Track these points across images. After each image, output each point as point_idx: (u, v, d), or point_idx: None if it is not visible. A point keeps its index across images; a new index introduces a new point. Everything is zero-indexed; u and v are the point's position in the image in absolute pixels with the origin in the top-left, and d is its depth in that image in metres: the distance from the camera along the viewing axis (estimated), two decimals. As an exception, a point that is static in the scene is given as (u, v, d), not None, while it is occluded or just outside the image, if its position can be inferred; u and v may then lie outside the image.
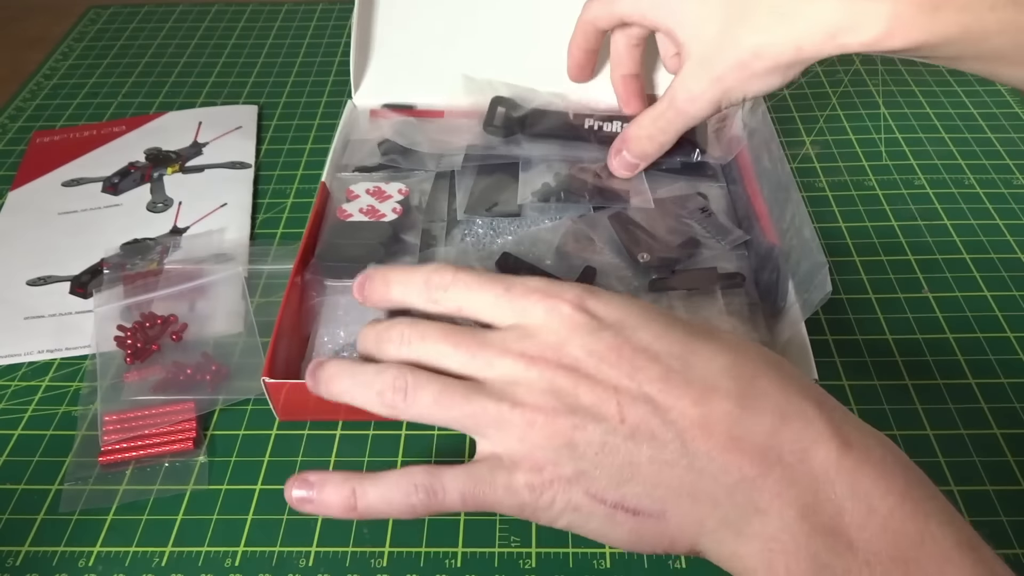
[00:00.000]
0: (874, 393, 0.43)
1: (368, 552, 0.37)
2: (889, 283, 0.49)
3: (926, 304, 0.48)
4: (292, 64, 0.71)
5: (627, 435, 0.28)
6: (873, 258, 0.51)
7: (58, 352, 0.47)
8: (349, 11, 0.64)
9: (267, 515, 0.39)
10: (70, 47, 0.75)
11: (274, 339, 0.40)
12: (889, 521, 0.26)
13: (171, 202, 0.57)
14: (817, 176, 0.57)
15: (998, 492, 0.39)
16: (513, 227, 0.50)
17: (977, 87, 0.65)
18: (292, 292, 0.44)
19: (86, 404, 0.44)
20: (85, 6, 0.81)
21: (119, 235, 0.54)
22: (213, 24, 0.77)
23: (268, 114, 0.65)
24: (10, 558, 0.37)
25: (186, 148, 0.61)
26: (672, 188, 0.51)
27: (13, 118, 0.66)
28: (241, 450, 0.42)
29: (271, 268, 0.51)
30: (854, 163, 0.58)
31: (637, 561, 0.37)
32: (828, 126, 0.62)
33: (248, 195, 0.57)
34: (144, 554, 0.38)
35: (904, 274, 0.50)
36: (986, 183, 0.56)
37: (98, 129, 0.64)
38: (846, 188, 0.56)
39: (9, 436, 0.43)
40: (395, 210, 0.49)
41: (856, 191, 0.56)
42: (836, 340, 0.46)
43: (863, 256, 0.51)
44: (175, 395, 0.43)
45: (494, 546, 0.37)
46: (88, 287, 0.50)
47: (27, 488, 0.40)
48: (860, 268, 0.50)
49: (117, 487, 0.40)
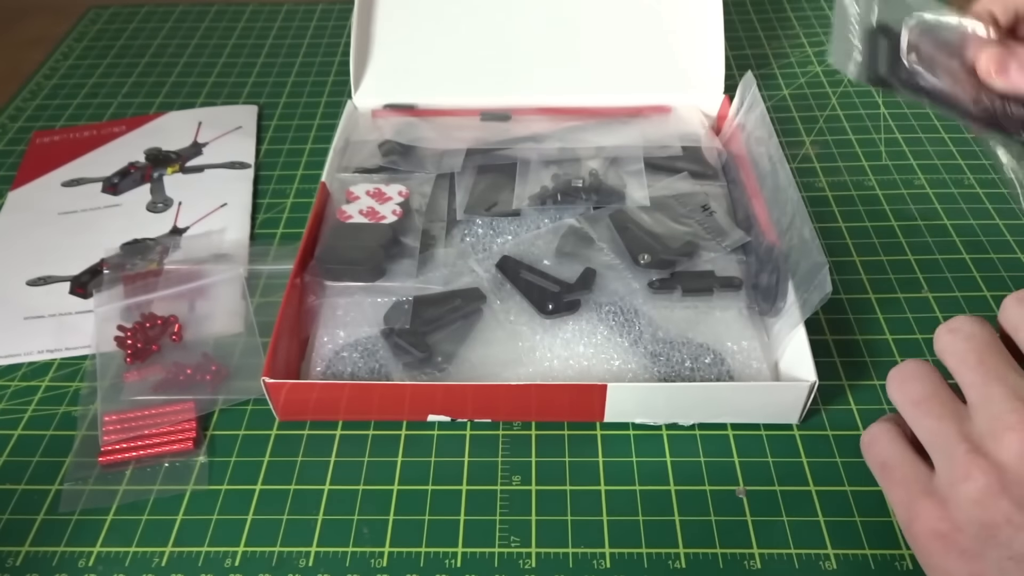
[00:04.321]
0: (874, 393, 0.43)
1: (368, 552, 0.37)
2: (889, 283, 0.49)
3: (926, 304, 0.48)
4: (292, 64, 0.71)
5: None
6: (873, 258, 0.51)
7: (58, 352, 0.47)
8: (349, 11, 0.64)
9: (267, 515, 0.39)
10: (70, 47, 0.75)
11: (274, 339, 0.40)
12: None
13: (171, 202, 0.57)
14: (817, 176, 0.57)
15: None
16: (513, 227, 0.50)
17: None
18: (292, 292, 0.44)
19: (86, 404, 0.44)
20: (85, 6, 0.81)
21: (119, 235, 0.54)
22: (213, 24, 0.77)
23: (268, 114, 0.65)
24: (10, 558, 0.37)
25: (186, 148, 0.61)
26: (673, 187, 0.51)
27: (13, 118, 0.66)
28: (241, 450, 0.42)
29: (271, 268, 0.51)
30: (854, 163, 0.58)
31: (637, 561, 0.37)
32: (828, 126, 0.62)
33: (248, 195, 0.57)
34: (144, 554, 0.38)
35: (904, 274, 0.50)
36: (986, 183, 0.56)
37: (98, 129, 0.64)
38: (846, 188, 0.56)
39: (9, 436, 0.43)
40: (395, 212, 0.49)
41: (856, 191, 0.56)
42: (836, 340, 0.46)
43: (863, 256, 0.51)
44: (175, 395, 0.43)
45: (494, 546, 0.37)
46: (88, 287, 0.50)
47: (27, 488, 0.40)
48: (860, 268, 0.50)
49: (117, 487, 0.40)
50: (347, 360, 0.43)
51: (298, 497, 0.40)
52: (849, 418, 0.42)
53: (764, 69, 0.68)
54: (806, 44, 0.71)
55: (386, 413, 0.42)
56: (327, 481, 0.40)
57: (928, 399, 0.31)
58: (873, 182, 0.57)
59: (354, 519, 0.39)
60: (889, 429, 0.33)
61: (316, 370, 0.43)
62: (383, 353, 0.43)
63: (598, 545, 0.37)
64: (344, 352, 0.44)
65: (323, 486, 0.40)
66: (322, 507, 0.39)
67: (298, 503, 0.39)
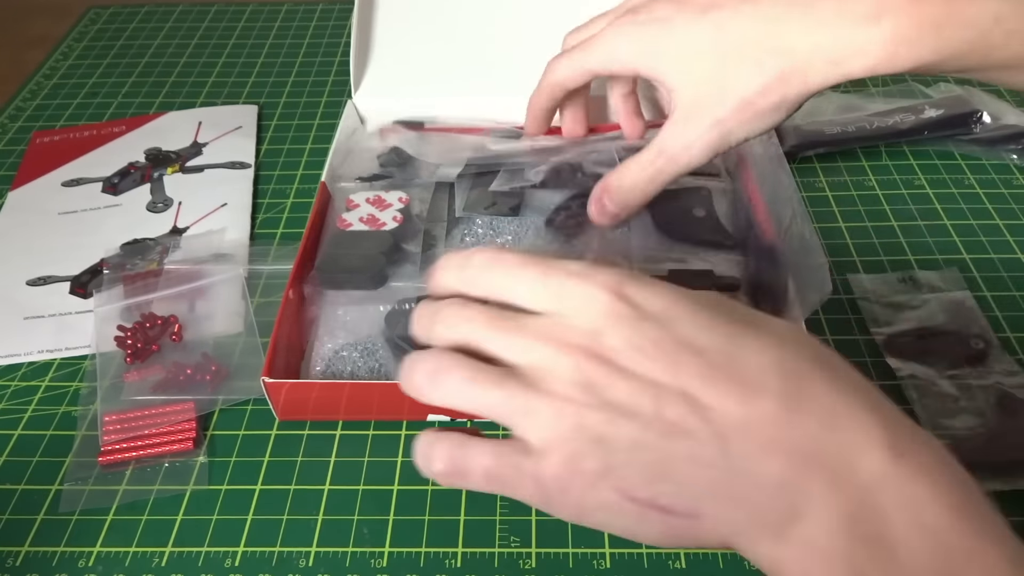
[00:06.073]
0: (874, 393, 0.43)
1: (368, 552, 0.37)
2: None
3: (926, 304, 0.48)
4: (292, 64, 0.71)
5: (663, 433, 0.26)
6: (873, 258, 0.51)
7: (58, 352, 0.47)
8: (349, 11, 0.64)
9: (267, 515, 0.39)
10: (70, 47, 0.75)
11: (274, 339, 0.40)
12: (938, 534, 0.25)
13: (171, 202, 0.57)
14: (817, 176, 0.57)
15: (999, 493, 0.39)
16: (513, 227, 0.50)
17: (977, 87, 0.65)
18: (292, 292, 0.44)
19: (86, 404, 0.44)
20: (85, 6, 0.81)
21: (119, 235, 0.54)
22: (213, 24, 0.77)
23: (268, 114, 0.65)
24: (10, 558, 0.37)
25: (186, 148, 0.61)
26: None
27: (13, 118, 0.66)
28: (241, 450, 0.42)
29: (271, 268, 0.51)
30: (854, 163, 0.58)
31: (637, 561, 0.37)
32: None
33: (248, 195, 0.57)
34: (144, 554, 0.38)
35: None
36: (986, 183, 0.56)
37: (98, 129, 0.64)
38: (846, 188, 0.56)
39: (9, 436, 0.43)
40: (395, 219, 0.48)
41: (856, 191, 0.56)
42: (836, 340, 0.46)
43: (863, 256, 0.51)
44: (175, 395, 0.43)
45: (494, 546, 0.37)
46: (88, 287, 0.50)
47: (27, 488, 0.40)
48: (860, 268, 0.50)
49: (117, 487, 0.40)
50: (347, 360, 0.43)
51: (298, 497, 0.40)
52: (849, 418, 0.42)
53: (764, 69, 0.68)
54: (806, 44, 0.71)
55: (386, 413, 0.42)
56: (327, 481, 0.40)
57: (475, 376, 0.29)
58: (873, 182, 0.57)
59: (354, 519, 0.39)
60: (449, 439, 0.29)
61: (316, 370, 0.43)
62: (383, 353, 0.43)
63: (598, 545, 0.37)
64: (344, 352, 0.44)
65: (323, 486, 0.40)
66: (322, 507, 0.39)
67: (298, 503, 0.39)
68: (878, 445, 0.26)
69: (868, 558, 0.25)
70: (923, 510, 0.25)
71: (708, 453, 0.26)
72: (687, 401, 0.27)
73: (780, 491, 0.26)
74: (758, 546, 0.27)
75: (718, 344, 0.28)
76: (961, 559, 0.24)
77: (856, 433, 0.26)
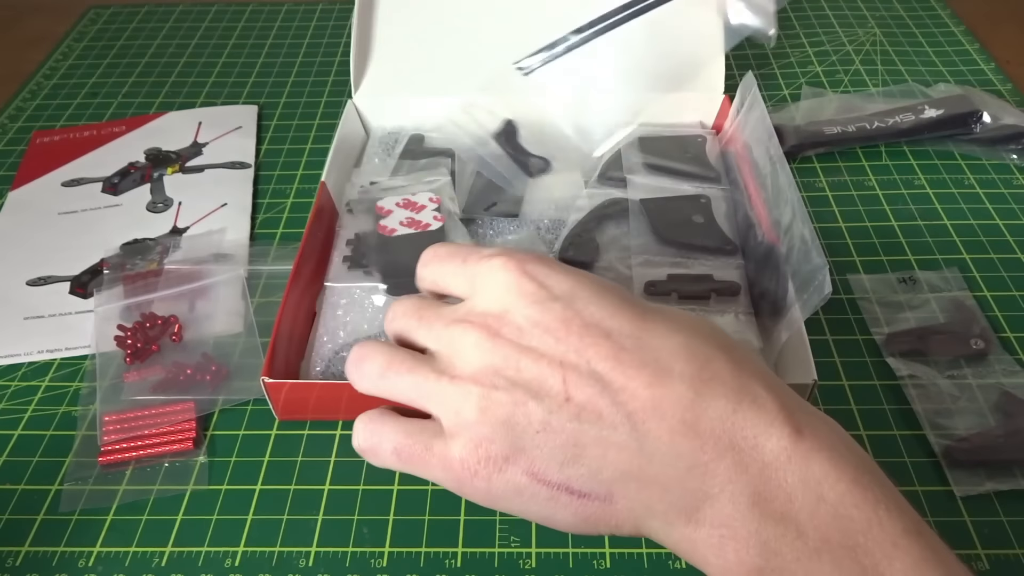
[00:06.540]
0: (875, 393, 0.43)
1: (368, 552, 0.37)
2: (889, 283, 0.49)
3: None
4: (292, 64, 0.71)
5: (572, 415, 0.27)
6: (873, 258, 0.51)
7: (58, 352, 0.47)
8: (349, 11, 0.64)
9: (267, 515, 0.39)
10: (70, 47, 0.75)
11: (274, 339, 0.40)
12: (839, 508, 0.25)
13: (171, 202, 0.57)
14: (817, 176, 0.57)
15: (999, 493, 0.39)
16: (513, 227, 0.50)
17: (977, 88, 0.65)
18: (292, 292, 0.44)
19: (86, 404, 0.44)
20: (85, 6, 0.81)
21: (119, 235, 0.54)
22: (213, 24, 0.77)
23: (268, 114, 0.65)
24: (10, 558, 0.38)
25: (186, 148, 0.61)
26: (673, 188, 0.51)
27: (13, 118, 0.66)
28: (241, 450, 0.42)
29: (271, 268, 0.51)
30: (854, 163, 0.58)
31: (637, 561, 0.37)
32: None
33: (248, 195, 0.57)
34: (144, 554, 0.38)
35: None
36: (986, 183, 0.56)
37: (98, 129, 0.64)
38: (846, 188, 0.56)
39: (9, 436, 0.43)
40: (436, 217, 0.48)
41: (856, 191, 0.56)
42: (836, 340, 0.46)
43: (863, 256, 0.51)
44: (175, 395, 0.43)
45: (494, 546, 0.37)
46: (88, 287, 0.50)
47: (27, 488, 0.40)
48: (860, 268, 0.50)
49: (117, 487, 0.40)
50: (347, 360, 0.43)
51: (298, 497, 0.40)
52: (849, 418, 0.42)
53: (764, 69, 0.68)
54: (806, 44, 0.71)
55: (386, 413, 0.42)
56: (327, 481, 0.40)
57: (390, 363, 0.30)
58: (873, 182, 0.57)
59: (354, 519, 0.39)
60: (372, 416, 0.32)
61: (316, 370, 0.43)
62: (383, 353, 0.43)
63: (598, 545, 0.37)
64: (344, 352, 0.44)
65: (323, 486, 0.40)
66: (322, 507, 0.39)
67: (298, 503, 0.39)
68: (780, 425, 0.26)
69: (777, 535, 0.25)
70: (824, 485, 0.26)
71: (619, 436, 0.26)
72: (597, 382, 0.27)
73: (691, 473, 0.26)
74: (672, 528, 0.27)
75: (626, 328, 0.28)
76: (861, 529, 0.25)
77: (760, 414, 0.27)
